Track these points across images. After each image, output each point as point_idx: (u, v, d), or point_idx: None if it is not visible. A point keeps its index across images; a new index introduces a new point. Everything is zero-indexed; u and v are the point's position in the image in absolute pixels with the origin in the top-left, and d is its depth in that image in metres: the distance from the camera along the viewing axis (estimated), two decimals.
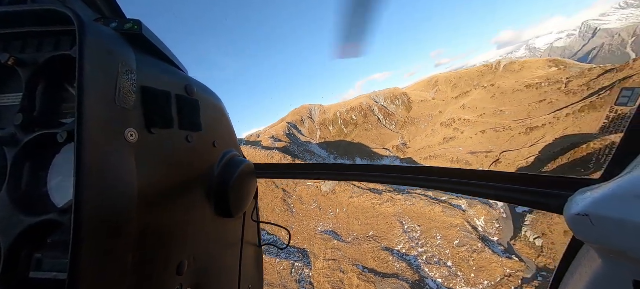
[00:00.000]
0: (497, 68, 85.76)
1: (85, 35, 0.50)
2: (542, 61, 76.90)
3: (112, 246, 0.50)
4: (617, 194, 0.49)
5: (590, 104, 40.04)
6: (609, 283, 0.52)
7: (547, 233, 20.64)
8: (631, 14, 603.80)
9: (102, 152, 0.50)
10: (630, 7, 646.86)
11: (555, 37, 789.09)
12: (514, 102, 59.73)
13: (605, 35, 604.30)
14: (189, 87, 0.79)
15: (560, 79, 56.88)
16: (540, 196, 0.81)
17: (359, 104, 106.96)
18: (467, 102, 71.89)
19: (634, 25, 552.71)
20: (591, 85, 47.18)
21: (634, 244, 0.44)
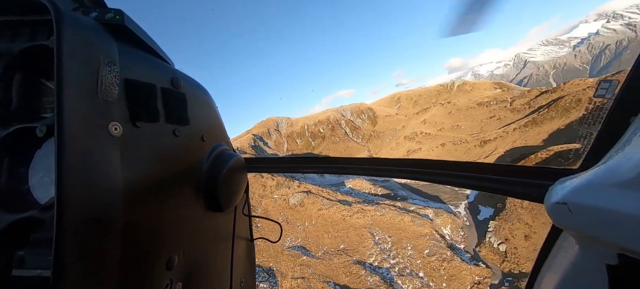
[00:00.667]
0: (451, 88, 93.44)
1: (62, 25, 0.48)
2: (488, 83, 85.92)
3: (97, 242, 0.49)
4: (593, 183, 0.51)
5: (532, 119, 44.40)
6: (585, 267, 0.55)
7: (510, 238, 21.22)
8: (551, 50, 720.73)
9: (84, 146, 0.48)
10: (550, 44, 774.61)
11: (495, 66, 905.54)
12: (469, 118, 64.76)
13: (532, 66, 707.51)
14: (175, 79, 0.78)
15: (505, 99, 63.45)
16: (523, 186, 0.83)
17: (326, 117, 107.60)
18: (427, 117, 76.28)
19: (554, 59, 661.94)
20: (531, 104, 53.06)
21: (607, 230, 0.46)
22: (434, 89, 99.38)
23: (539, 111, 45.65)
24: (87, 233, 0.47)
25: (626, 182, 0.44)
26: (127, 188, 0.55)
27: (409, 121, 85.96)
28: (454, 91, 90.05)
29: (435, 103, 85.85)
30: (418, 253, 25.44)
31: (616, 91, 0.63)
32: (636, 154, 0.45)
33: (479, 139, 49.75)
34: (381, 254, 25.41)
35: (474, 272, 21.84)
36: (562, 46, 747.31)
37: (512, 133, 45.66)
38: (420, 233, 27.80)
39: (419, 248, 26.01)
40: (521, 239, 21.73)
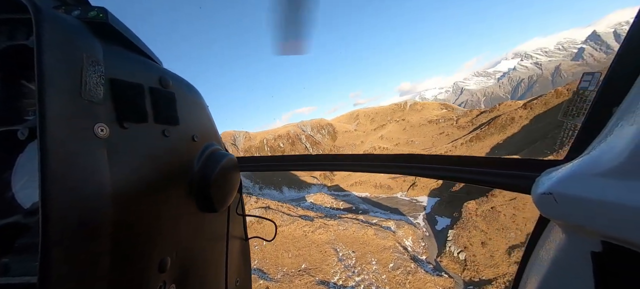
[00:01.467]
0: (404, 107, 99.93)
1: (42, 24, 0.46)
2: (436, 104, 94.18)
3: (84, 246, 0.47)
4: (577, 173, 0.53)
5: (476, 135, 48.57)
6: (570, 255, 0.56)
7: (468, 246, 21.46)
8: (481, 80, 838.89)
9: (69, 149, 0.47)
10: (480, 76, 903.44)
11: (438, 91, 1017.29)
12: (421, 134, 69.02)
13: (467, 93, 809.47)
14: (164, 79, 0.76)
15: (451, 117, 69.50)
16: (511, 177, 0.84)
17: (286, 132, 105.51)
18: (384, 133, 79.50)
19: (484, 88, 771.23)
20: (474, 122, 58.67)
21: (590, 219, 0.47)
22: (389, 108, 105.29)
23: (481, 128, 50.31)
24: (73, 237, 0.45)
25: (608, 171, 0.45)
26: (116, 190, 0.54)
27: (367, 136, 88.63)
28: (407, 109, 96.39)
29: (391, 120, 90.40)
30: (383, 267, 24.46)
31: (598, 83, 0.64)
32: (618, 145, 0.46)
33: (431, 153, 52.56)
34: (346, 271, 23.87)
35: (438, 283, 21.53)
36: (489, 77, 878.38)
37: (459, 147, 49.15)
38: (384, 246, 27.03)
39: (384, 261, 25.09)
40: (479, 246, 22.21)
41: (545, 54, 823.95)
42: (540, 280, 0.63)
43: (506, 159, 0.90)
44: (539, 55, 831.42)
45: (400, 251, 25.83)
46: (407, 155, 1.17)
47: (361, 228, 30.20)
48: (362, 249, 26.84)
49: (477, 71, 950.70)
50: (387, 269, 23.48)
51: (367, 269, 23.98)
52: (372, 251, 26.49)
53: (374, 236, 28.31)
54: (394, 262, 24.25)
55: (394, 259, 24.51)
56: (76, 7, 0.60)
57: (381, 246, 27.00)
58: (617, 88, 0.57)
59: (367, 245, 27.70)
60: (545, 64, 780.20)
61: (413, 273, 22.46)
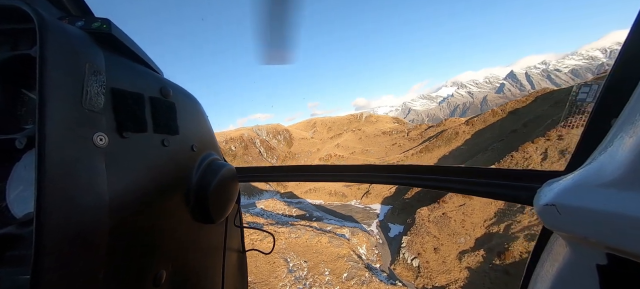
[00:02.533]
0: (360, 118, 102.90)
1: (46, 33, 0.46)
2: (388, 118, 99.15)
3: (79, 258, 0.46)
4: (579, 184, 0.52)
5: (425, 147, 51.16)
6: (575, 268, 0.55)
7: (422, 252, 20.98)
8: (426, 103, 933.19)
9: (67, 157, 0.46)
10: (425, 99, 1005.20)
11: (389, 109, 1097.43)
12: (375, 144, 70.99)
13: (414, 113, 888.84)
14: (164, 88, 0.77)
15: (403, 130, 73.20)
16: (512, 189, 0.84)
17: (240, 135, 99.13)
18: (340, 141, 79.95)
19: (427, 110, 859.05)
20: (423, 134, 62.35)
21: (594, 231, 0.46)
22: (346, 118, 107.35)
23: (430, 140, 53.37)
24: (68, 249, 0.44)
25: (611, 182, 0.45)
26: (113, 201, 0.53)
27: (324, 144, 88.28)
28: (363, 121, 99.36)
29: (347, 130, 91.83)
30: (336, 277, 22.62)
31: (596, 95, 0.65)
32: (619, 155, 0.46)
33: (385, 162, 53.96)
34: (296, 284, 21.44)
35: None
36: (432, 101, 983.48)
37: (410, 157, 51.18)
38: (338, 255, 25.31)
39: (338, 271, 23.29)
40: (431, 252, 21.97)
41: (476, 85, 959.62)
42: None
43: (507, 170, 0.88)
44: (471, 85, 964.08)
45: (354, 260, 24.43)
46: (408, 166, 1.14)
47: (315, 235, 28.25)
48: (315, 259, 24.86)
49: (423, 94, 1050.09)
50: (341, 279, 21.83)
51: (319, 280, 21.99)
52: (325, 260, 24.56)
53: (328, 244, 26.54)
54: (348, 272, 22.69)
55: (348, 269, 22.97)
56: (80, 18, 0.61)
57: (335, 255, 25.24)
58: (615, 100, 0.58)
59: (320, 254, 25.64)
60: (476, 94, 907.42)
61: (367, 282, 21.22)
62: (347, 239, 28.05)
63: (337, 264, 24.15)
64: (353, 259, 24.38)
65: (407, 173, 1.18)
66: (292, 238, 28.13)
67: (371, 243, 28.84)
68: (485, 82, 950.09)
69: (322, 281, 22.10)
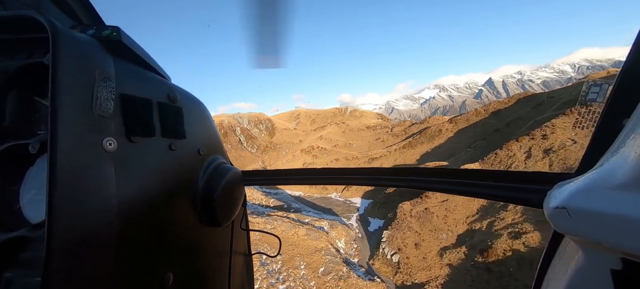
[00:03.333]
0: (345, 112, 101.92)
1: (58, 42, 0.48)
2: (373, 113, 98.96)
3: (88, 260, 0.47)
4: (590, 187, 0.51)
5: (408, 143, 50.80)
6: (588, 273, 0.54)
7: (402, 248, 20.00)
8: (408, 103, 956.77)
9: (78, 162, 0.47)
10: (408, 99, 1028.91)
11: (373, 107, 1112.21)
12: (359, 138, 70.21)
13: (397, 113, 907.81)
14: (172, 94, 0.79)
15: (387, 125, 72.97)
16: (522, 191, 0.83)
17: (219, 122, 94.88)
18: (324, 134, 78.50)
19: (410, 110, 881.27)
20: (407, 131, 62.29)
21: (608, 234, 0.45)
22: (330, 111, 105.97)
23: (413, 137, 53.13)
24: (78, 252, 0.45)
25: (624, 185, 0.44)
26: (121, 204, 0.54)
27: (307, 136, 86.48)
28: (347, 115, 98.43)
29: (331, 123, 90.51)
30: (312, 272, 21.21)
31: (607, 95, 0.66)
32: (632, 156, 0.45)
33: (368, 157, 53.24)
34: (268, 277, 19.80)
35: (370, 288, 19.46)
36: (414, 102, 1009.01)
37: (393, 153, 50.68)
38: (315, 248, 23.89)
39: (314, 265, 21.89)
40: (412, 248, 21.09)
41: (456, 90, 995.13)
42: None
43: (515, 172, 0.87)
44: (452, 90, 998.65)
45: (332, 254, 23.16)
46: (415, 168, 1.14)
47: (292, 227, 26.66)
48: (291, 252, 23.34)
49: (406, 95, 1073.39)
50: (317, 274, 20.46)
51: (294, 274, 20.48)
52: (302, 253, 23.09)
53: (306, 237, 25.09)
54: (324, 266, 21.37)
55: (325, 263, 21.66)
56: (91, 27, 0.62)
57: (312, 248, 23.82)
58: (627, 100, 0.57)
59: (296, 247, 24.09)
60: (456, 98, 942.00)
61: (345, 277, 20.03)
62: (325, 232, 26.73)
63: (314, 257, 22.82)
64: (331, 253, 23.14)
65: (413, 176, 1.15)
66: (267, 229, 26.37)
67: (350, 237, 27.77)
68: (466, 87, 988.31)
69: (297, 275, 20.67)
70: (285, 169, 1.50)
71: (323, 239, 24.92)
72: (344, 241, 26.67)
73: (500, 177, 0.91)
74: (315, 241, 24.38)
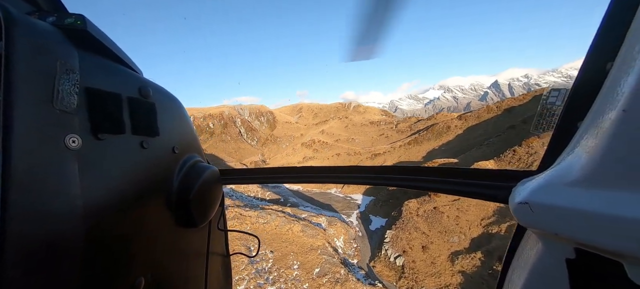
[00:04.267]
0: (348, 107, 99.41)
1: (13, 29, 0.45)
2: (377, 110, 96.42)
3: (48, 267, 0.44)
4: (549, 184, 0.55)
5: (414, 139, 48.25)
6: (547, 262, 0.58)
7: (408, 250, 17.73)
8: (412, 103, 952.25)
9: (35, 160, 0.44)
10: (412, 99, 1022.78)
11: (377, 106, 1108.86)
12: (362, 133, 67.83)
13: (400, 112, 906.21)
14: (143, 88, 0.75)
15: (391, 122, 70.42)
16: (489, 188, 0.88)
17: (220, 112, 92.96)
18: (326, 128, 76.22)
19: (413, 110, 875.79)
20: (412, 127, 59.81)
21: (564, 227, 0.49)
22: (333, 106, 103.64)
23: (419, 133, 50.56)
24: (36, 257, 0.42)
25: (577, 181, 0.48)
26: (87, 206, 0.51)
27: (308, 130, 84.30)
28: (350, 110, 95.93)
29: (334, 117, 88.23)
30: (306, 273, 19.05)
31: (564, 99, 0.68)
32: (584, 156, 0.48)
33: (370, 152, 50.86)
34: (256, 278, 17.69)
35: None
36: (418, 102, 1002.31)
37: (398, 149, 48.22)
38: (311, 246, 21.73)
39: (309, 265, 19.74)
40: (419, 250, 18.82)
41: (461, 91, 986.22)
42: (520, 287, 0.65)
43: (484, 170, 0.92)
44: (457, 91, 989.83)
45: (329, 253, 21.02)
46: (391, 167, 1.17)
47: (286, 222, 24.54)
48: (284, 249, 21.18)
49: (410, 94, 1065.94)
50: (312, 275, 18.32)
51: (285, 275, 18.30)
52: (296, 251, 20.98)
53: (301, 234, 22.99)
54: (320, 266, 19.26)
55: (321, 263, 19.54)
56: (52, 14, 0.58)
57: (307, 246, 21.66)
58: (581, 104, 0.60)
59: (291, 244, 21.94)
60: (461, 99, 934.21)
61: (342, 281, 17.89)
62: (323, 229, 24.54)
63: (309, 256, 20.68)
64: (328, 252, 21.01)
65: (387, 174, 1.17)
66: (259, 223, 24.33)
67: (350, 235, 25.64)
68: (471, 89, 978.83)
69: (289, 276, 18.44)
70: (268, 168, 1.43)
71: (320, 236, 22.80)
72: (343, 240, 24.57)
73: (470, 175, 0.93)
74: (311, 239, 22.26)
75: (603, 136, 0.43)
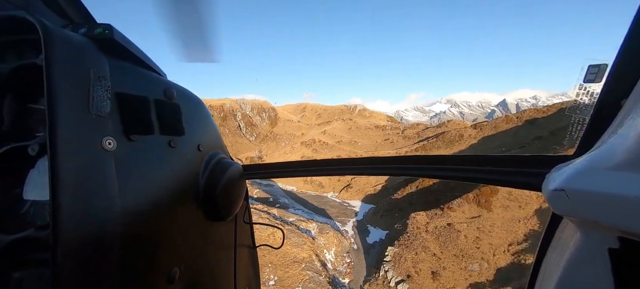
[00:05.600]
0: (353, 110, 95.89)
1: (51, 42, 0.47)
2: (383, 115, 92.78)
3: (95, 258, 0.48)
4: (588, 168, 0.52)
5: (422, 146, 44.20)
6: (586, 253, 0.54)
7: (413, 275, 13.80)
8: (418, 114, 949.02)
9: (78, 162, 0.48)
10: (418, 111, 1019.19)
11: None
12: (366, 136, 63.97)
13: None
14: (168, 90, 0.79)
15: (397, 127, 66.58)
16: (521, 175, 0.83)
17: (221, 104, 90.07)
18: (328, 129, 72.71)
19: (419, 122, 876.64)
20: (420, 134, 55.84)
21: (606, 214, 0.46)
22: (338, 108, 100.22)
23: (428, 140, 46.54)
24: (84, 250, 0.46)
25: (621, 164, 0.44)
26: (124, 202, 0.55)
27: (310, 129, 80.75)
28: (355, 113, 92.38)
29: (338, 119, 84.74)
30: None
31: (605, 75, 0.63)
32: (630, 137, 0.45)
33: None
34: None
35: None
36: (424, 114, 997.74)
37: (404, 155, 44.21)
38: (294, 257, 17.87)
39: (287, 283, 15.89)
40: (427, 276, 14.89)
41: (468, 107, 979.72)
42: (557, 280, 0.60)
43: (514, 156, 0.86)
44: (464, 106, 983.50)
45: (315, 268, 17.21)
46: (413, 156, 1.12)
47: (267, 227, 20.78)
48: (261, 259, 17.57)
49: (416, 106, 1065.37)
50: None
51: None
52: (275, 262, 17.23)
53: (286, 241, 19.34)
54: (303, 285, 15.48)
55: (304, 281, 15.76)
56: (82, 25, 0.63)
57: (290, 257, 17.85)
58: (625, 80, 0.56)
59: (269, 253, 18.10)
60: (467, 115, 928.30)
61: None
62: (312, 238, 20.74)
63: (290, 271, 16.89)
64: (314, 268, 17.23)
65: (411, 164, 1.12)
66: None
67: (343, 247, 21.86)
68: (478, 105, 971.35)
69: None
70: (287, 162, 1.43)
71: (307, 246, 19.03)
72: (334, 252, 20.79)
73: (499, 162, 0.88)
74: (295, 248, 18.50)
75: None
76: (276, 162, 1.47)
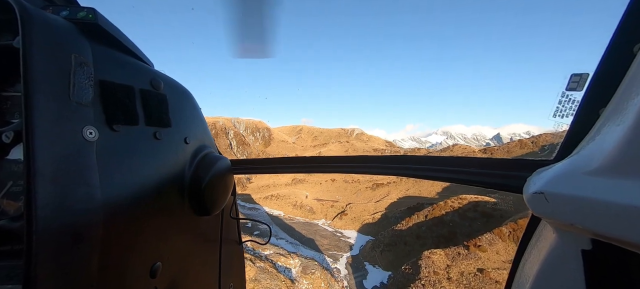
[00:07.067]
0: (351, 133, 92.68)
1: (29, 24, 0.45)
2: (381, 140, 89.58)
3: (71, 251, 0.46)
4: (567, 173, 0.54)
5: None
6: (561, 253, 0.57)
7: None
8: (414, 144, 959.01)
9: (56, 152, 0.46)
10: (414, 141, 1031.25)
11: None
12: None
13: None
14: (155, 80, 0.77)
15: (397, 152, 62.56)
16: (503, 177, 0.87)
17: (214, 122, 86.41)
18: (324, 151, 68.76)
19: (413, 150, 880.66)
20: None
21: (580, 217, 0.48)
22: (335, 131, 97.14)
23: None
24: (60, 242, 0.44)
25: (598, 170, 0.46)
26: (106, 194, 0.53)
27: (305, 151, 76.68)
28: (353, 136, 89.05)
29: (335, 141, 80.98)
30: None
31: (586, 84, 0.65)
32: (606, 145, 0.47)
33: (372, 182, 42.59)
34: None
35: None
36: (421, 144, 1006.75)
37: (405, 181, 39.69)
38: None
39: None
40: None
41: (463, 139, 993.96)
42: (533, 279, 0.63)
43: (498, 159, 0.91)
44: (459, 138, 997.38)
45: None
46: (400, 156, 1.17)
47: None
48: None
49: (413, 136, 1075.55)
50: None
51: None
52: None
53: (253, 284, 14.32)
54: None
55: None
56: (64, 8, 0.60)
57: None
58: (604, 90, 0.58)
59: None
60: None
61: None
62: (291, 280, 15.67)
63: None
64: None
65: (397, 163, 1.16)
66: None
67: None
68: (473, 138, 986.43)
69: None
70: (276, 158, 1.45)
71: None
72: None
73: (485, 165, 0.93)
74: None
75: (628, 124, 0.41)
76: (264, 158, 1.47)
